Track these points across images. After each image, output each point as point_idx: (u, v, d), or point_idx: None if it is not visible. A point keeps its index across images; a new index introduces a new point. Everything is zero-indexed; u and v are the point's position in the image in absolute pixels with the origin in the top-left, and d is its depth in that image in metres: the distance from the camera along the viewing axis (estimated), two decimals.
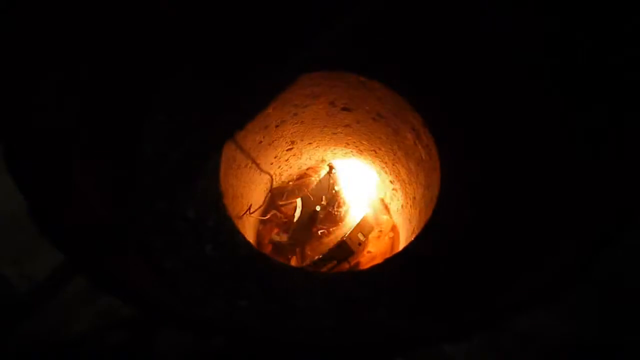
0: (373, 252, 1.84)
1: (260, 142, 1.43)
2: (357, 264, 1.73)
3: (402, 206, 1.70)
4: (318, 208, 1.88)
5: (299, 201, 1.87)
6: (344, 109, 1.39)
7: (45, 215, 0.64)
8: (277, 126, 1.41)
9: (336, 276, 1.08)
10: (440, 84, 1.12)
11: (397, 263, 1.02)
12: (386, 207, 1.89)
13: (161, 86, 1.08)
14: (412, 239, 1.06)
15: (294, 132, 1.53)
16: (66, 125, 0.88)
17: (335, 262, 1.68)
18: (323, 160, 1.90)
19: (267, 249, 1.80)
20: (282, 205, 1.87)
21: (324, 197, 1.87)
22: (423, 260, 1.00)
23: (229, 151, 1.18)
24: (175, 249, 1.00)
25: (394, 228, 1.88)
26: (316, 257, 1.71)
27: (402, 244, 1.75)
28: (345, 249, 1.69)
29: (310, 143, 1.67)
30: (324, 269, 1.64)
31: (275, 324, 0.94)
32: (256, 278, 1.01)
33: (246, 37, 1.12)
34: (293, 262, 1.76)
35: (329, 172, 1.90)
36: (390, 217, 1.87)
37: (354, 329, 0.94)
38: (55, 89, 0.88)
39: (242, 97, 0.98)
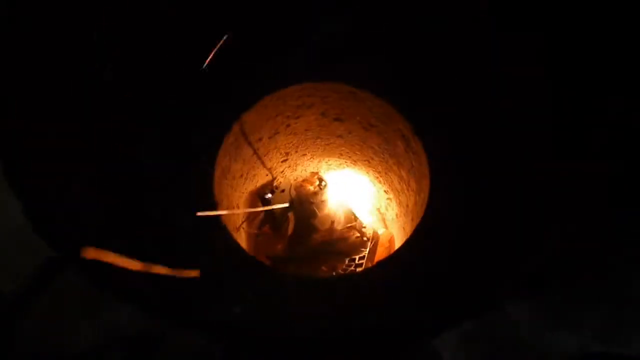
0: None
1: (254, 154, 1.45)
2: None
3: (396, 215, 1.71)
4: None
5: (291, 215, 1.88)
6: (335, 119, 1.41)
7: (44, 220, 0.65)
8: (270, 137, 1.43)
9: (328, 280, 1.09)
10: (429, 93, 1.15)
11: (388, 267, 1.03)
12: (382, 218, 1.90)
13: (156, 92, 1.10)
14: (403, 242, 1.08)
15: (288, 143, 1.55)
16: (65, 138, 0.91)
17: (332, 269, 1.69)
18: (317, 172, 1.92)
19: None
20: (276, 218, 1.88)
21: (319, 209, 1.89)
22: (412, 263, 1.02)
23: (223, 161, 1.20)
24: (171, 257, 1.01)
25: (390, 239, 1.88)
26: (312, 268, 1.72)
27: None
28: (342, 258, 1.71)
29: (304, 154, 1.70)
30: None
31: (268, 329, 0.95)
32: (250, 285, 1.02)
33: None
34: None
35: (321, 184, 1.92)
36: (387, 229, 1.88)
37: (347, 331, 0.94)
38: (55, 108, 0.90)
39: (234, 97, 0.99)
